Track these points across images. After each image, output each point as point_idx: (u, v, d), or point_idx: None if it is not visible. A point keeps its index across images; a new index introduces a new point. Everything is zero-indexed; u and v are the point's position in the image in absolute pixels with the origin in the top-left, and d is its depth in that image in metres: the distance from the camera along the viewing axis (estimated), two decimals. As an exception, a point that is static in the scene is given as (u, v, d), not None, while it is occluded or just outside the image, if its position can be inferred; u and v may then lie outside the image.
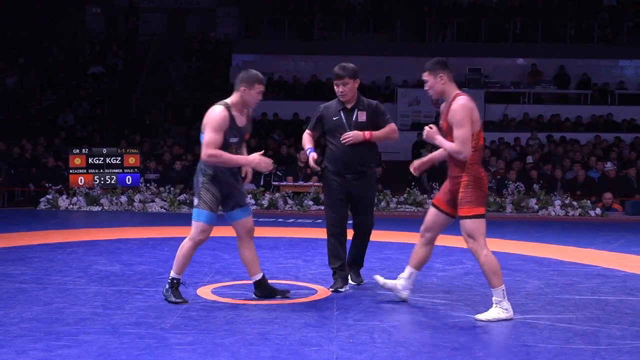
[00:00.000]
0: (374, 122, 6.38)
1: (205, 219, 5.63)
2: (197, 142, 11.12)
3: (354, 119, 6.35)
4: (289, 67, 23.36)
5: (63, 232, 10.32)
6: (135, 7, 25.81)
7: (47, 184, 14.33)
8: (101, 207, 13.67)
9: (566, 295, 6.33)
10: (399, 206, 14.16)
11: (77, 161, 14.09)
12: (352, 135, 6.26)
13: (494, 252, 8.53)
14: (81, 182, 14.04)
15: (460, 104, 5.27)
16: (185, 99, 21.57)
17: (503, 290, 5.38)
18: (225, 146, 5.58)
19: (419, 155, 19.02)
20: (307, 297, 6.03)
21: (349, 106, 6.38)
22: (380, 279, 5.94)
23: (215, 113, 5.57)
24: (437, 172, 16.23)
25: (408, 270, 5.83)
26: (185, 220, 11.77)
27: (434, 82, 5.42)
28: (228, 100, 5.68)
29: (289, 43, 23.77)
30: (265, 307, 5.67)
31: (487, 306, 5.79)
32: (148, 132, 19.49)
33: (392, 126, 6.42)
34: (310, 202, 13.75)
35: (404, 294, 5.86)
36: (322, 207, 13.68)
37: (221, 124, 5.54)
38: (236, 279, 6.70)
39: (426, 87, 5.52)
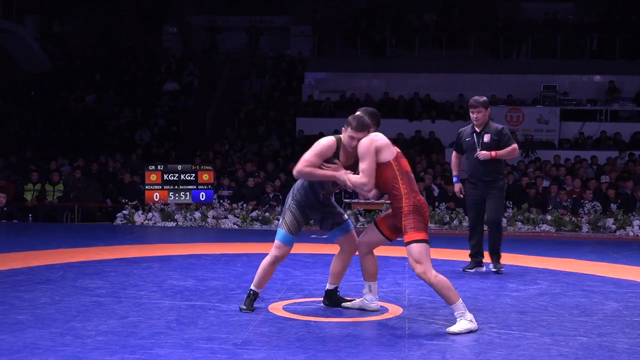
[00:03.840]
0: (499, 143, 8.14)
1: (281, 238, 5.92)
2: (269, 159, 11.29)
3: (481, 140, 8.17)
4: (361, 85, 23.38)
5: (138, 247, 10.50)
6: (215, 26, 26.26)
7: (123, 200, 14.63)
8: (175, 223, 13.87)
9: (646, 318, 6.14)
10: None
11: (153, 177, 14.33)
12: (482, 154, 8.09)
13: (569, 273, 8.36)
14: (156, 198, 14.27)
15: (360, 142, 5.58)
16: (258, 116, 21.80)
17: (462, 303, 5.49)
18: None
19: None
20: (378, 316, 6.00)
21: (479, 130, 8.22)
22: (347, 304, 6.19)
23: (323, 139, 5.82)
24: (511, 191, 16.00)
25: (366, 285, 6.09)
26: (258, 236, 11.90)
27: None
28: (342, 136, 5.81)
29: (361, 61, 23.81)
30: (337, 324, 5.67)
31: (563, 327, 5.68)
32: (221, 150, 19.74)
33: (513, 146, 8.18)
34: (382, 220, 13.69)
35: (373, 305, 6.10)
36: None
37: (324, 150, 5.74)
38: (308, 296, 6.71)
39: None
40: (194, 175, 14.44)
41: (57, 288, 6.89)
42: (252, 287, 6.05)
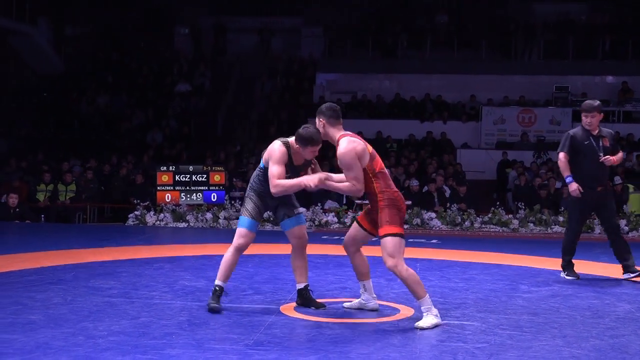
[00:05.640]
0: (612, 148, 8.07)
1: (245, 225, 6.11)
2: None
3: (602, 145, 8.00)
4: (372, 86, 23.37)
5: (150, 247, 10.53)
6: (223, 27, 26.29)
7: (135, 201, 14.66)
8: (187, 224, 13.90)
9: (659, 320, 6.10)
10: (483, 226, 13.96)
11: (165, 178, 14.36)
12: (609, 159, 7.95)
13: (583, 274, 8.33)
14: (168, 199, 14.30)
15: (341, 152, 5.68)
16: (269, 117, 21.81)
17: (429, 298, 5.62)
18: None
19: (505, 175, 18.80)
20: (389, 317, 5.99)
21: (595, 133, 8.04)
22: (347, 304, 6.31)
23: (274, 148, 6.00)
24: (523, 192, 15.96)
25: (361, 285, 6.15)
26: (269, 237, 11.90)
27: (317, 125, 6.00)
28: (289, 139, 6.08)
29: (373, 62, 23.79)
30: (348, 325, 5.67)
31: (575, 329, 5.66)
32: (233, 150, 19.76)
33: (621, 153, 8.27)
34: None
35: (371, 304, 6.16)
36: (407, 227, 13.66)
37: (281, 158, 5.94)
38: (319, 297, 6.69)
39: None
40: (205, 176, 14.46)
41: (70, 288, 6.91)
42: (216, 282, 6.13)
